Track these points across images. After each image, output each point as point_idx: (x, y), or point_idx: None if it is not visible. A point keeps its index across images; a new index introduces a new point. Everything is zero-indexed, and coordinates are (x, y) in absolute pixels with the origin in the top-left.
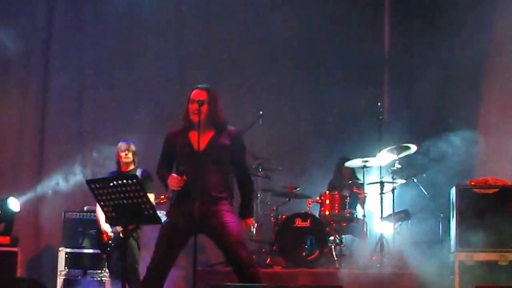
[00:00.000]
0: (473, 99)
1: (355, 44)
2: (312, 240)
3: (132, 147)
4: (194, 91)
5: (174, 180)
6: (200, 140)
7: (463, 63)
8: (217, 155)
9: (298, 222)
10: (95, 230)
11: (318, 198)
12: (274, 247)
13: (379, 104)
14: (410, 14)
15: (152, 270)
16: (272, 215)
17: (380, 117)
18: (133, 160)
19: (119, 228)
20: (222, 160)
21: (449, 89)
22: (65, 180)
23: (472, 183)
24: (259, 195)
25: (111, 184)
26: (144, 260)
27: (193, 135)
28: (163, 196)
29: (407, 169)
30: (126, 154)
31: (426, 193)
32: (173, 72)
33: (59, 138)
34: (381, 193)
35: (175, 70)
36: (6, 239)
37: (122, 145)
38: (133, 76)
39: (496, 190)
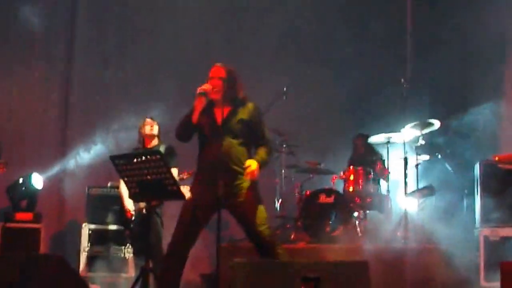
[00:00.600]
0: (497, 72)
1: (377, 19)
2: (336, 216)
3: (157, 121)
4: (212, 68)
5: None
6: (219, 114)
7: (486, 36)
8: (236, 128)
9: (322, 198)
10: (118, 206)
11: (342, 174)
12: (298, 223)
13: (402, 80)
14: None
15: (174, 246)
16: (296, 191)
17: (403, 93)
18: (158, 135)
19: (142, 204)
20: (241, 134)
21: (473, 63)
22: (88, 156)
23: (497, 158)
24: (283, 171)
25: (135, 160)
26: (166, 238)
27: (213, 110)
28: (186, 172)
29: (431, 145)
30: (151, 127)
31: (450, 169)
32: (196, 49)
33: (82, 114)
34: (405, 169)
35: (198, 47)
36: (29, 216)
37: (147, 119)
38: (156, 51)
39: None
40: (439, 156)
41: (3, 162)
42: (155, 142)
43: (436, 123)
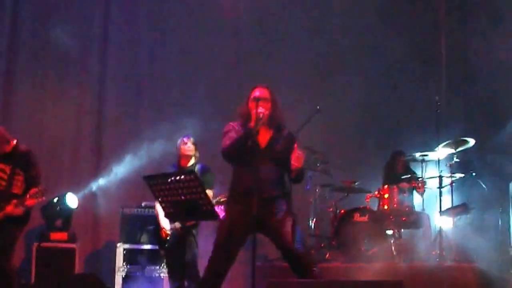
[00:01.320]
0: None
1: (411, 37)
2: (371, 235)
3: (193, 140)
4: (256, 89)
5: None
6: (260, 138)
7: None
8: (276, 154)
9: (357, 217)
10: (153, 226)
11: (376, 192)
12: (333, 242)
13: (436, 97)
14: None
15: (213, 266)
16: (331, 209)
17: (438, 111)
18: (194, 154)
19: (177, 224)
20: (280, 159)
21: (507, 82)
22: (122, 175)
23: None
24: (317, 190)
25: (169, 180)
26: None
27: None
28: (223, 195)
29: (466, 162)
30: (188, 147)
31: (484, 186)
32: (227, 64)
33: (116, 133)
34: (440, 187)
35: (229, 63)
36: (64, 235)
37: (184, 138)
38: (189, 70)
39: None
40: (474, 174)
41: (42, 190)
42: (191, 161)
43: (471, 141)
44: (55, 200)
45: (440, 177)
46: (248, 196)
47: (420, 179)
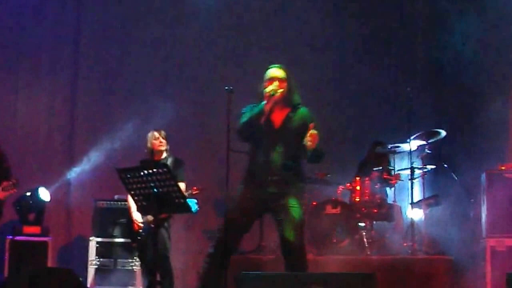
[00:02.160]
0: (503, 84)
1: (385, 27)
2: (343, 227)
3: (164, 134)
4: (272, 70)
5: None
6: (276, 117)
7: (492, 49)
8: (290, 133)
9: (329, 209)
10: (125, 219)
11: (348, 184)
12: (305, 234)
13: (408, 89)
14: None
15: (217, 251)
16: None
17: (410, 103)
18: (166, 148)
19: (150, 217)
20: (295, 139)
21: (479, 74)
22: (95, 169)
23: (503, 168)
24: None
25: (142, 173)
26: (174, 251)
27: (271, 113)
28: (195, 188)
29: (437, 154)
30: (160, 142)
31: (456, 178)
32: (200, 58)
33: (88, 127)
34: (412, 178)
35: (202, 57)
36: (37, 229)
37: (155, 132)
38: (160, 61)
39: None
40: (445, 165)
41: (14, 183)
42: (163, 155)
43: (442, 132)
44: (28, 194)
45: (412, 168)
46: (262, 176)
47: (392, 171)
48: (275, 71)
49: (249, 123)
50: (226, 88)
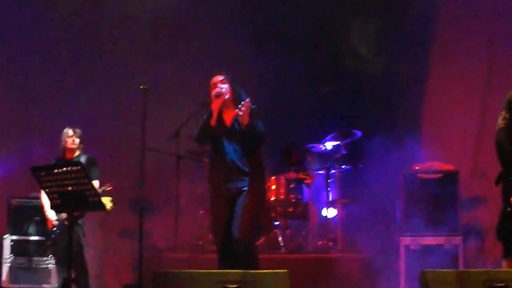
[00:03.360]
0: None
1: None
2: (258, 226)
3: (79, 132)
4: (215, 77)
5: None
6: (227, 117)
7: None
8: (240, 130)
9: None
10: (40, 217)
11: None
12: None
13: (324, 89)
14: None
15: (222, 248)
16: None
17: (325, 103)
18: (79, 147)
19: (64, 215)
20: (245, 135)
21: (395, 76)
22: (9, 166)
23: (417, 168)
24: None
25: (56, 171)
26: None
27: (221, 114)
28: (109, 184)
29: (353, 154)
30: (73, 140)
31: (372, 178)
32: (130, 53)
33: (3, 123)
34: (327, 178)
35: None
36: None
37: (68, 130)
38: (76, 60)
39: (440, 175)
40: (361, 165)
41: None
42: (76, 153)
43: (358, 133)
44: None
45: (328, 168)
46: (223, 172)
47: (308, 170)
48: (217, 78)
49: (201, 129)
50: (142, 86)
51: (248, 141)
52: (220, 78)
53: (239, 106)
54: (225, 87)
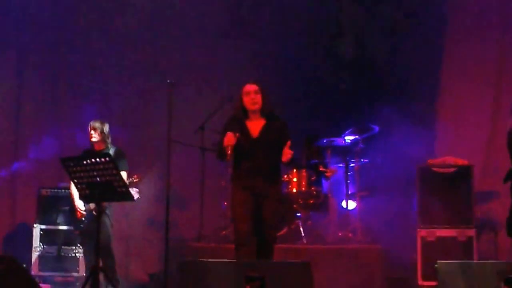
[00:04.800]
0: (431, 83)
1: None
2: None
3: (101, 126)
4: (247, 85)
5: (228, 136)
6: (255, 128)
7: (421, 49)
8: (269, 142)
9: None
10: (69, 207)
11: (285, 176)
12: None
13: (343, 85)
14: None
15: (242, 242)
16: None
17: (345, 98)
18: (104, 140)
19: (92, 205)
20: (273, 145)
21: (411, 73)
22: (39, 157)
23: (432, 163)
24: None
25: (85, 162)
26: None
27: (248, 124)
28: (136, 176)
29: (371, 148)
30: (93, 133)
31: (390, 171)
32: (145, 47)
33: (34, 114)
34: (347, 171)
35: (147, 45)
36: None
37: (92, 123)
38: (107, 56)
39: (454, 169)
40: (379, 159)
41: None
42: (102, 146)
43: (376, 128)
44: None
45: (347, 161)
46: (248, 181)
47: (328, 164)
48: (250, 87)
49: (220, 155)
50: (168, 81)
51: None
52: (254, 88)
53: (284, 151)
54: (257, 99)
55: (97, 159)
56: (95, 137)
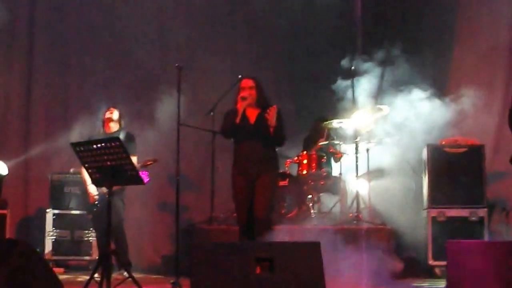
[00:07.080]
0: (442, 63)
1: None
2: (291, 199)
3: (116, 111)
4: (244, 80)
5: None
6: (250, 115)
7: (432, 29)
8: (264, 128)
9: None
10: (81, 191)
11: (295, 158)
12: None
13: (352, 67)
14: None
15: (245, 227)
16: None
17: (354, 79)
18: (119, 122)
19: (104, 189)
20: (267, 132)
21: (421, 53)
22: (51, 142)
23: (443, 142)
24: None
25: (95, 146)
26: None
27: (247, 111)
28: (151, 159)
29: (381, 129)
30: (111, 113)
31: (399, 152)
32: (153, 49)
33: (45, 101)
34: (356, 152)
35: (156, 47)
36: None
37: (110, 107)
38: (115, 43)
39: (465, 149)
40: (389, 140)
41: None
42: (115, 127)
43: (385, 109)
44: None
45: (356, 143)
46: (245, 164)
47: (337, 145)
48: (246, 82)
49: (227, 126)
50: (177, 65)
51: (270, 140)
52: (250, 83)
53: (267, 109)
54: (252, 93)
55: (107, 143)
56: (113, 115)
